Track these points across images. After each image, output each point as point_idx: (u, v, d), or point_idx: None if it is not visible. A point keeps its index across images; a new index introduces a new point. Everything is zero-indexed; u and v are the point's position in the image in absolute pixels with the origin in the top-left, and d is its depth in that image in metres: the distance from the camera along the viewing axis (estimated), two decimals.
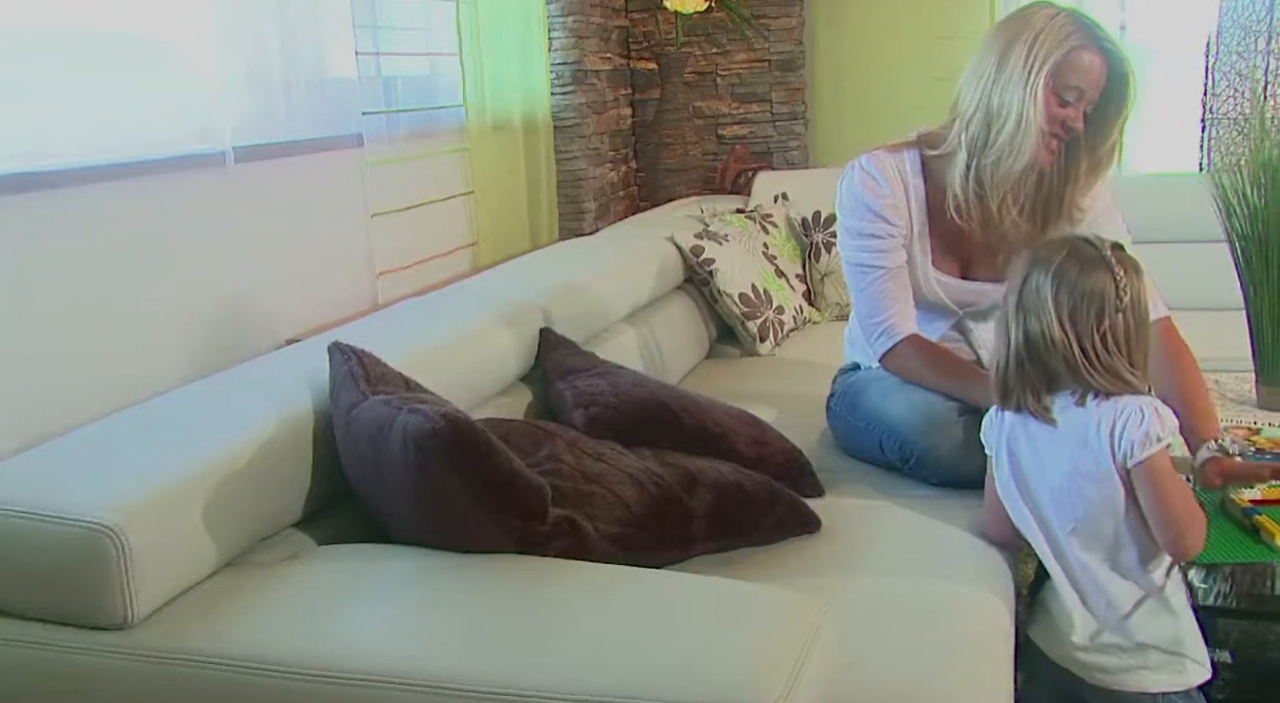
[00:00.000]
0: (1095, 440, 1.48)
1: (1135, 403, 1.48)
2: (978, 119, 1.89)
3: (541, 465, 1.59)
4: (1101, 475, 1.49)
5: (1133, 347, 1.51)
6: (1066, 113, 1.85)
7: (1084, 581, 1.54)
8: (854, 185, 2.01)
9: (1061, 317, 1.49)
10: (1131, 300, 1.50)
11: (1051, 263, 1.51)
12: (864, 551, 1.66)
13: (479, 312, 2.03)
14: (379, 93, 2.76)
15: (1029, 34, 1.83)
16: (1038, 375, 1.52)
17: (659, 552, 1.56)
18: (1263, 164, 2.05)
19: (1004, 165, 1.88)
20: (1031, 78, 1.82)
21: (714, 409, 1.88)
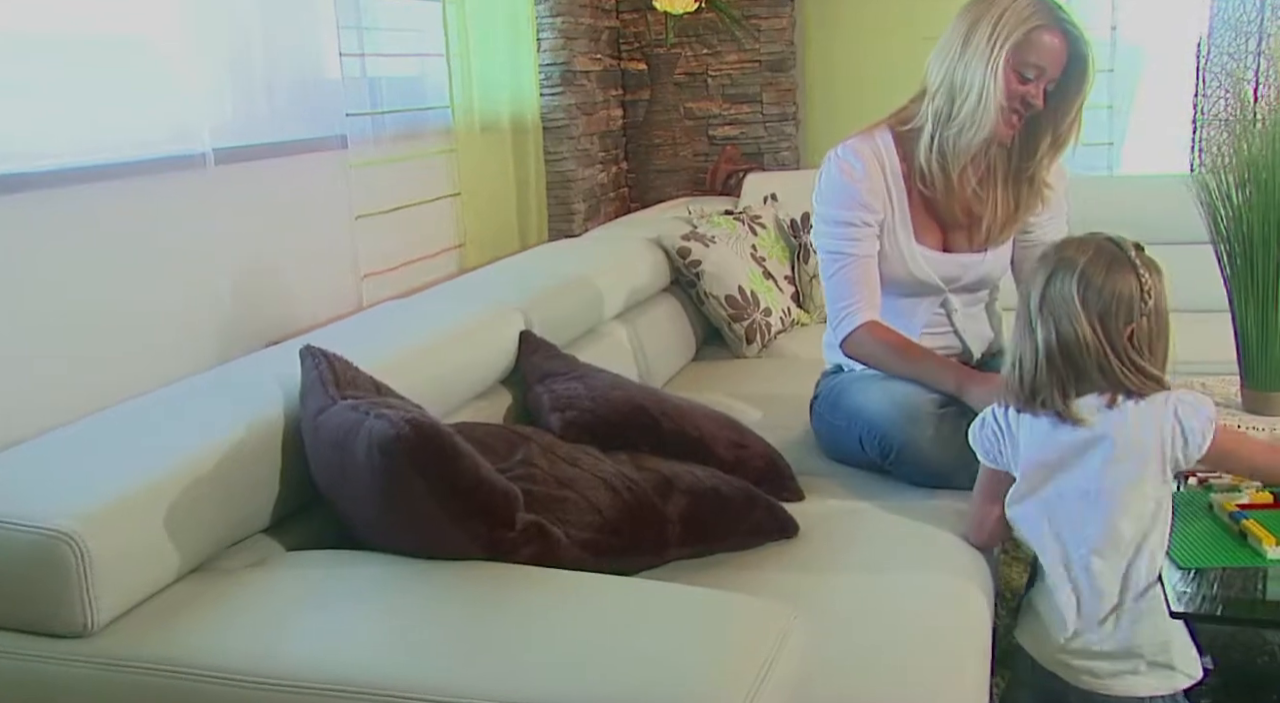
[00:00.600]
0: (1140, 439, 1.49)
1: (1174, 398, 1.51)
2: (942, 93, 1.98)
3: (514, 470, 1.57)
4: (1159, 484, 1.50)
5: (1154, 345, 1.53)
6: (1026, 89, 1.93)
7: (1085, 585, 1.53)
8: (832, 174, 2.06)
9: (1092, 319, 1.50)
10: (1156, 302, 1.52)
11: (1076, 264, 1.52)
12: (841, 556, 1.65)
13: (458, 314, 2.02)
14: (364, 94, 2.75)
15: (993, 13, 1.92)
16: (1068, 375, 1.52)
17: (633, 557, 1.55)
18: (1247, 165, 2.03)
19: (965, 137, 1.97)
20: (993, 55, 1.90)
21: (693, 413, 1.87)
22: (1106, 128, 3.66)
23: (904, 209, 2.06)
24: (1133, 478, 1.49)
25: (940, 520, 1.75)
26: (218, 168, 2.24)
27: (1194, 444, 1.49)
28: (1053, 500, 1.55)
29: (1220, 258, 2.08)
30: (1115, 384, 1.50)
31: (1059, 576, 1.56)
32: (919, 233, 2.07)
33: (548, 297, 2.23)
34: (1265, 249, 2.00)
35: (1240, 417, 2.09)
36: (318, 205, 2.57)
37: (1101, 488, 1.50)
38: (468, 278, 2.42)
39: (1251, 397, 2.11)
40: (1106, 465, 1.50)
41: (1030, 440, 1.56)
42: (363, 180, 2.69)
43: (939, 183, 2.03)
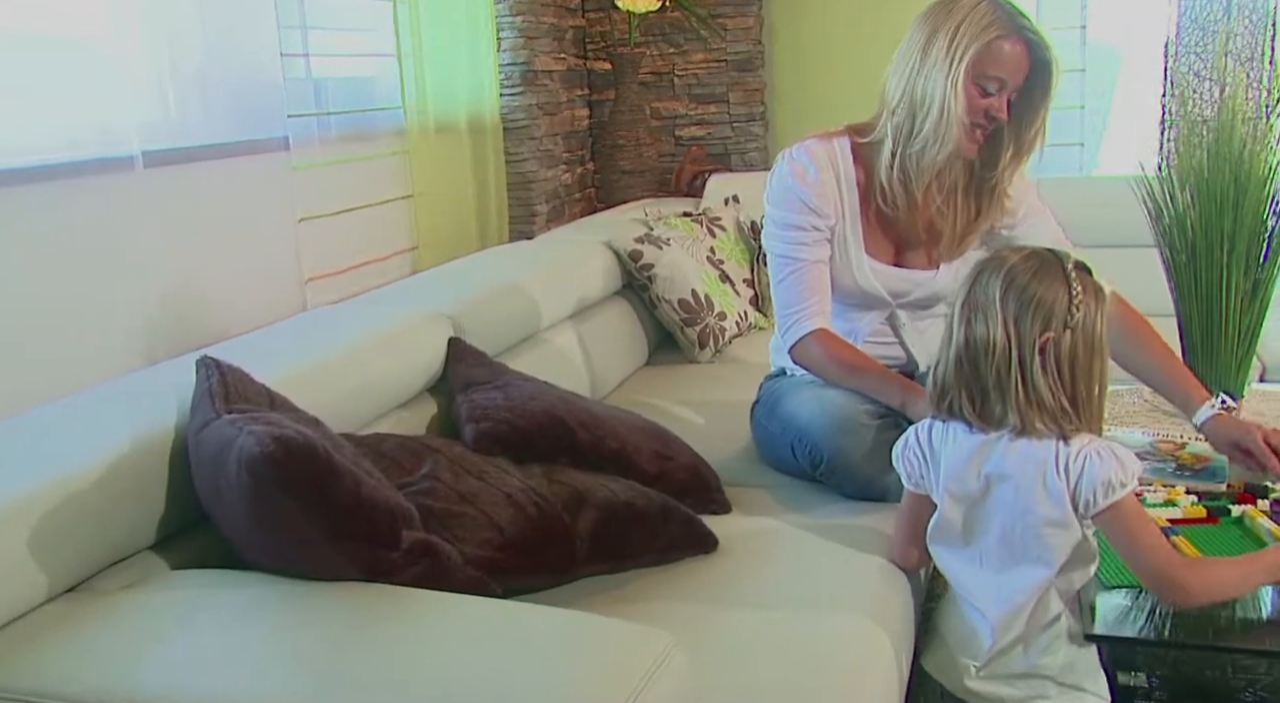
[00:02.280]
0: (1055, 484, 1.41)
1: (1092, 447, 1.40)
2: (902, 108, 1.89)
3: (417, 485, 1.53)
4: (1064, 520, 1.42)
5: (1078, 375, 1.41)
6: (989, 103, 1.86)
7: (999, 618, 1.47)
8: (784, 175, 1.99)
9: (1007, 319, 1.42)
10: (1084, 322, 1.41)
11: (1005, 263, 1.45)
12: (756, 574, 1.61)
13: (384, 322, 1.97)
14: (309, 95, 2.70)
15: (951, 24, 1.83)
16: (974, 383, 1.46)
17: (534, 575, 1.51)
18: (1192, 170, 1.98)
19: (928, 155, 1.89)
20: (953, 69, 1.82)
21: (616, 423, 1.82)
22: (1078, 128, 3.60)
23: (856, 219, 2.00)
24: (1047, 521, 1.42)
25: (868, 538, 1.71)
26: (147, 171, 2.19)
27: (1082, 500, 1.40)
28: (975, 539, 1.50)
29: (1165, 264, 2.03)
30: (1009, 408, 1.42)
31: (971, 608, 1.51)
32: (870, 245, 2.01)
33: (482, 302, 2.18)
34: (1208, 254, 1.96)
35: (1184, 427, 2.04)
36: (258, 208, 2.52)
37: (1021, 529, 1.44)
38: (403, 283, 2.38)
39: None
40: (1023, 505, 1.44)
41: (948, 467, 1.51)
42: (307, 183, 2.64)
43: (901, 201, 1.96)
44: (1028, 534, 1.43)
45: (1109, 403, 2.18)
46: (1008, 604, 1.46)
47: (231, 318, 2.40)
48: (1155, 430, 2.00)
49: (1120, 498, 1.38)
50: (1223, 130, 1.96)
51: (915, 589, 1.65)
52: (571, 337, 2.47)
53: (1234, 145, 1.94)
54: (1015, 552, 1.45)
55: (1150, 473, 1.83)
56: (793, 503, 1.86)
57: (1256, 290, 1.96)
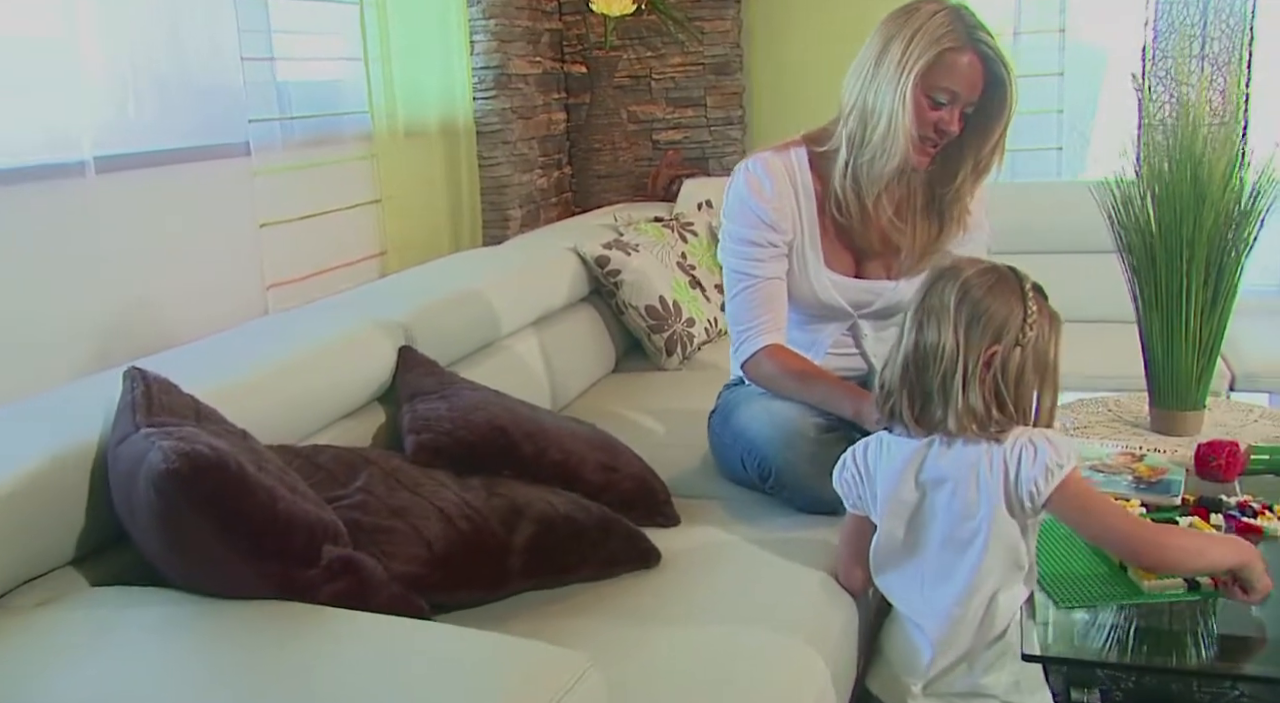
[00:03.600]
0: (988, 482, 1.39)
1: (1024, 438, 1.40)
2: (855, 116, 1.86)
3: (350, 499, 1.51)
4: (999, 518, 1.40)
5: (1021, 393, 1.41)
6: (940, 116, 1.81)
7: (943, 634, 1.45)
8: (740, 190, 1.96)
9: (958, 326, 1.40)
10: (1036, 342, 1.41)
11: (961, 273, 1.44)
12: (695, 590, 1.58)
13: (332, 329, 1.94)
14: (271, 99, 2.68)
15: (905, 33, 1.79)
16: (918, 389, 1.44)
17: (465, 591, 1.48)
18: (1153, 177, 1.95)
19: (877, 165, 1.85)
20: (902, 79, 1.78)
21: (562, 434, 1.79)
22: (1055, 132, 3.58)
23: (814, 232, 1.96)
24: (987, 521, 1.40)
25: (814, 553, 1.68)
26: (100, 177, 2.17)
27: (1025, 492, 1.38)
28: (916, 551, 1.48)
29: (1126, 272, 2.00)
30: (948, 414, 1.40)
31: (914, 626, 1.49)
32: (829, 257, 1.97)
33: (437, 310, 2.15)
34: (1169, 262, 1.93)
35: (1145, 437, 2.01)
36: (218, 214, 2.50)
37: (959, 533, 1.42)
38: (358, 290, 2.35)
39: (1159, 416, 2.04)
40: (960, 508, 1.42)
41: (884, 481, 1.49)
42: (269, 188, 2.62)
43: (854, 211, 1.92)
44: (965, 537, 1.41)
45: (1070, 411, 2.17)
46: (946, 619, 1.44)
47: (190, 325, 2.38)
48: (1114, 442, 1.97)
49: (1063, 479, 1.37)
50: (1184, 135, 1.93)
51: (862, 607, 1.62)
52: (533, 344, 2.44)
53: (1195, 150, 1.91)
54: (952, 561, 1.43)
55: (1105, 486, 1.79)
56: (743, 516, 1.83)
57: (1217, 301, 1.92)
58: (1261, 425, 2.04)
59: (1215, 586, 1.45)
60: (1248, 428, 2.04)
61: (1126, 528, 1.38)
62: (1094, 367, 2.52)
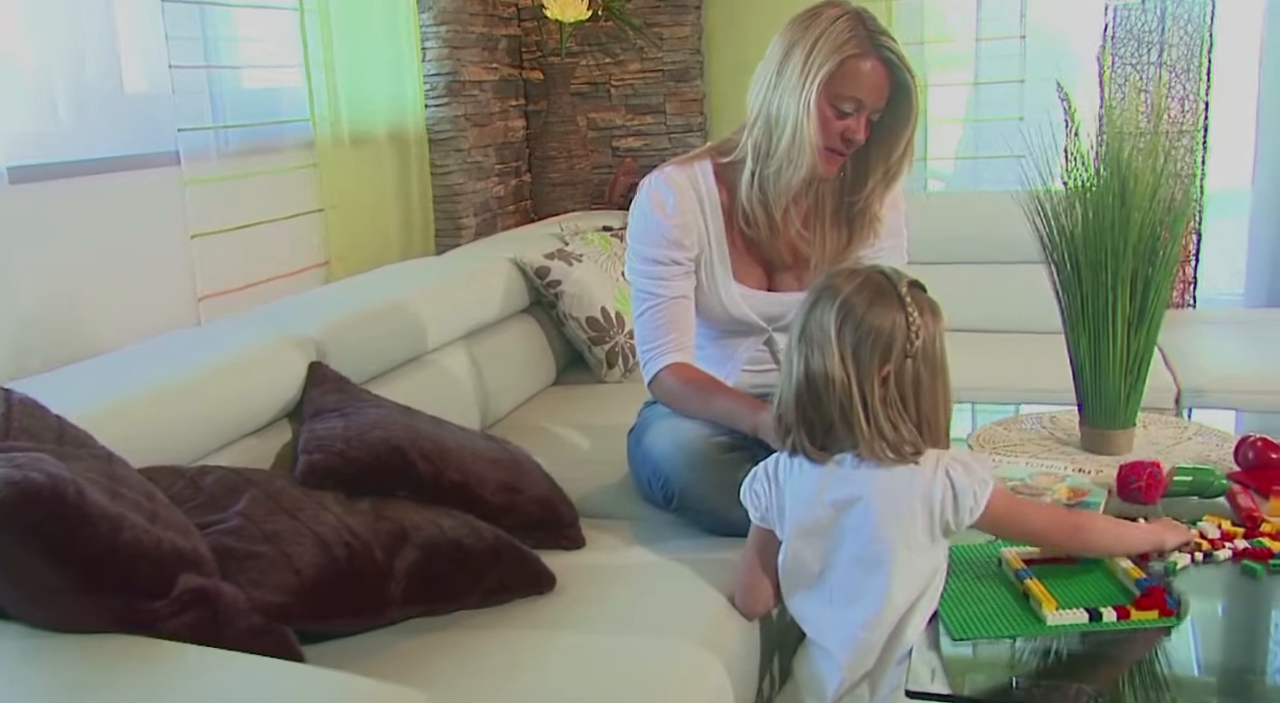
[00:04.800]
0: (905, 504, 1.36)
1: (946, 457, 1.37)
2: (759, 126, 1.80)
3: (225, 523, 1.46)
4: (920, 542, 1.37)
5: (922, 399, 1.37)
6: (846, 125, 1.76)
7: (849, 657, 1.41)
8: (643, 206, 1.90)
9: (844, 353, 1.36)
10: (925, 346, 1.36)
11: (839, 293, 1.38)
12: (585, 617, 1.53)
13: (239, 344, 1.90)
14: (204, 107, 2.63)
15: (807, 40, 1.73)
16: (815, 418, 1.39)
17: (338, 620, 1.44)
18: (1079, 189, 1.90)
19: (784, 176, 1.80)
20: (806, 88, 1.72)
21: (465, 454, 1.74)
22: (1017, 140, 3.52)
23: (722, 246, 1.90)
24: (900, 542, 1.36)
25: (716, 576, 1.63)
26: (14, 187, 2.13)
27: (964, 507, 1.36)
28: (826, 573, 1.43)
29: (1052, 282, 1.95)
30: (856, 441, 1.36)
31: (822, 650, 1.44)
32: (739, 271, 1.92)
33: (354, 324, 2.11)
34: (1094, 276, 1.87)
35: (1074, 457, 1.96)
36: (145, 224, 2.45)
37: (870, 553, 1.38)
38: (277, 303, 2.31)
39: (1088, 435, 1.99)
40: (872, 528, 1.37)
41: (794, 500, 1.44)
42: (202, 197, 2.57)
43: (762, 222, 1.86)
44: (874, 558, 1.37)
45: (1004, 428, 2.12)
46: (852, 641, 1.40)
47: (115, 337, 2.33)
48: (1039, 462, 1.91)
49: (991, 496, 1.36)
50: (1111, 144, 1.88)
51: (766, 628, 1.57)
52: (462, 358, 2.39)
53: (1121, 160, 1.86)
54: (861, 582, 1.39)
55: None
56: (650, 538, 1.79)
57: (1144, 317, 1.87)
58: (1193, 444, 1.99)
59: (1120, 617, 1.40)
60: (1180, 446, 1.98)
61: (1047, 520, 1.46)
62: (1038, 380, 2.47)
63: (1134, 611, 1.40)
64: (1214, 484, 1.73)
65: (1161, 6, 3.06)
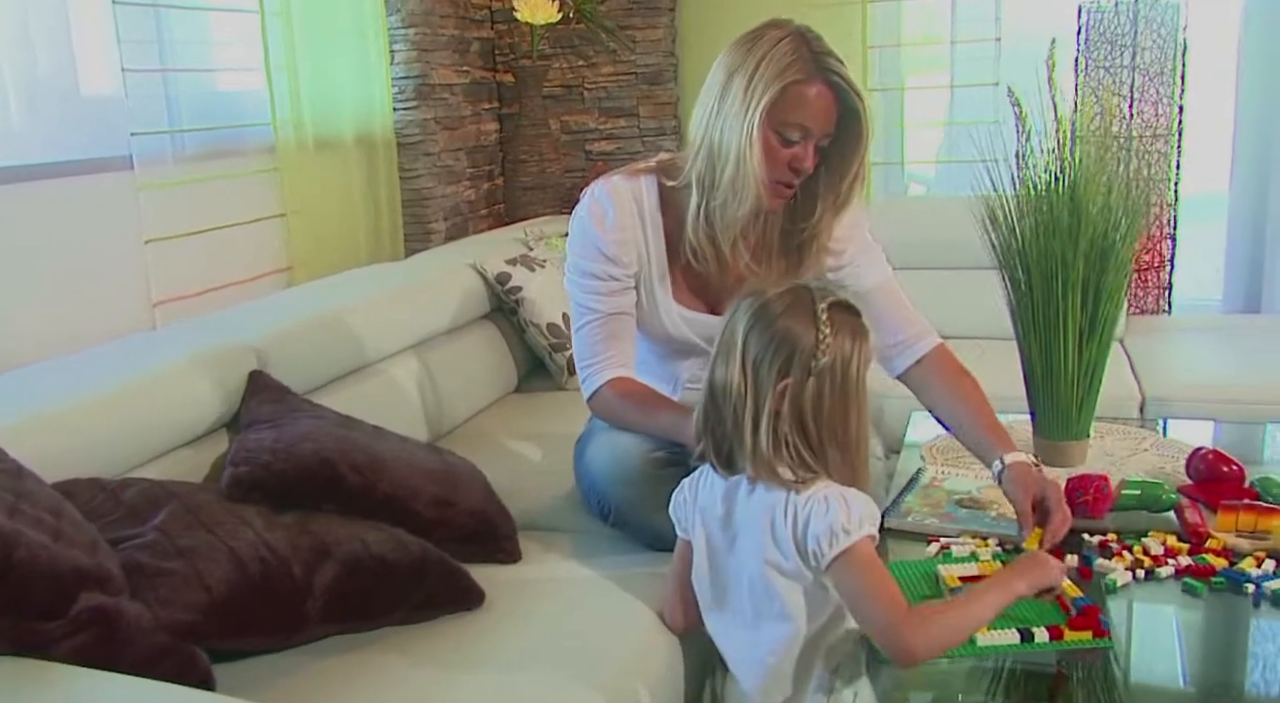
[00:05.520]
0: (782, 532, 1.31)
1: (821, 493, 1.29)
2: (703, 155, 1.69)
3: (141, 538, 1.43)
4: (794, 571, 1.31)
5: (821, 424, 1.29)
6: (793, 153, 1.65)
7: (760, 680, 1.37)
8: (582, 217, 1.82)
9: (746, 362, 1.31)
10: (833, 366, 1.29)
11: (758, 302, 1.33)
12: (511, 634, 1.49)
13: (176, 354, 1.86)
14: (160, 111, 2.60)
15: (749, 64, 1.62)
16: (720, 430, 1.35)
17: (251, 638, 1.40)
18: (1030, 195, 1.86)
19: (729, 210, 1.69)
20: (748, 116, 1.60)
21: (399, 465, 1.71)
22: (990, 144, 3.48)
23: (663, 265, 1.81)
24: (782, 570, 1.32)
25: (649, 592, 1.59)
26: None
27: (810, 550, 1.28)
28: (729, 595, 1.40)
29: (1004, 289, 1.91)
30: (745, 457, 1.31)
31: (735, 674, 1.40)
32: (679, 292, 1.83)
33: (298, 332, 2.07)
34: (1045, 284, 1.84)
35: None
36: (97, 230, 2.42)
37: (763, 578, 1.33)
38: (224, 311, 2.27)
39: (1041, 446, 1.95)
40: (760, 552, 1.33)
41: (704, 515, 1.41)
42: (156, 202, 2.54)
43: (710, 258, 1.75)
44: (768, 587, 1.33)
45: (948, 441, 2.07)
46: (760, 666, 1.36)
47: (66, 343, 2.30)
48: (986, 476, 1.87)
49: (847, 547, 1.25)
50: (1063, 149, 1.84)
51: (694, 646, 1.53)
52: (413, 366, 2.36)
53: (1072, 166, 1.83)
54: (763, 607, 1.35)
55: (967, 523, 1.71)
56: (589, 551, 1.75)
57: (1095, 327, 1.83)
58: (1149, 456, 1.95)
59: (1052, 638, 1.36)
60: (1136, 458, 1.95)
61: (884, 619, 1.25)
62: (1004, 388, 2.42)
63: (1067, 631, 1.36)
64: (1162, 498, 1.69)
65: (1134, 9, 3.02)
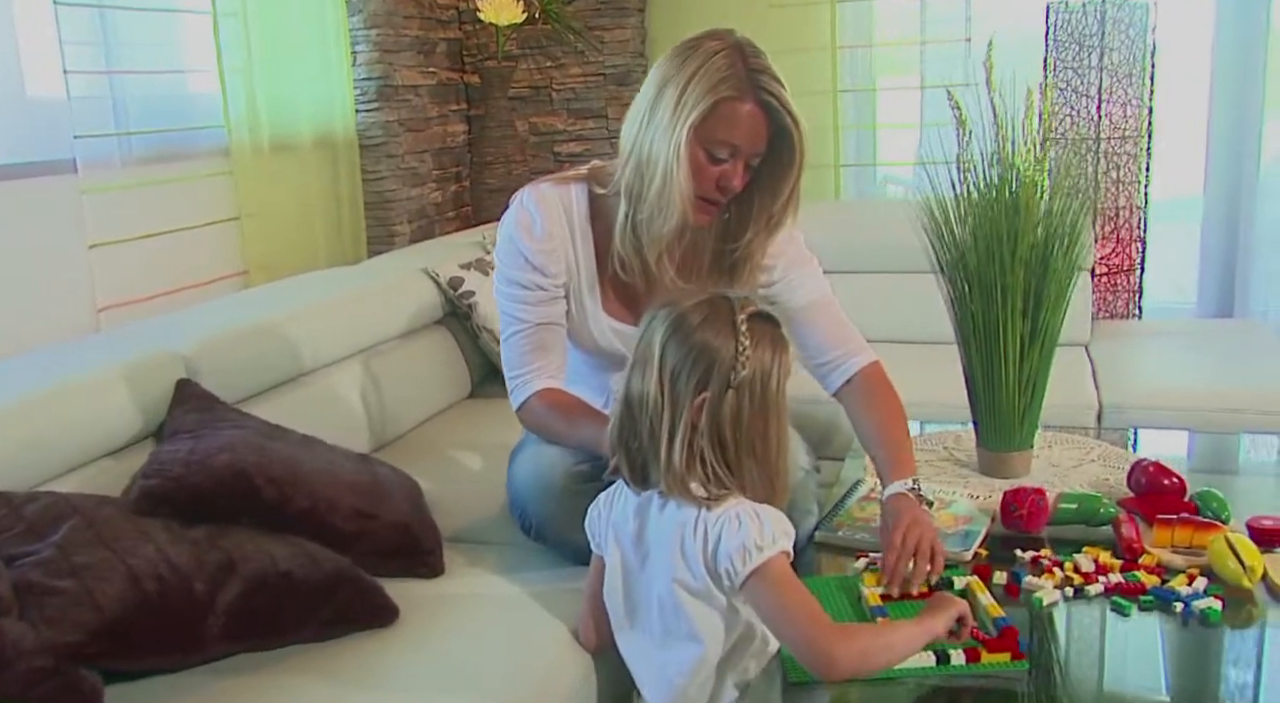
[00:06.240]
0: (692, 550, 1.27)
1: (733, 511, 1.25)
2: (631, 166, 1.64)
3: (38, 555, 1.39)
4: (704, 591, 1.28)
5: (740, 439, 1.26)
6: (721, 171, 1.60)
7: (654, 695, 1.34)
8: (509, 224, 1.77)
9: (663, 374, 1.27)
10: (753, 379, 1.25)
11: (674, 312, 1.29)
12: (420, 652, 1.46)
13: (104, 361, 1.83)
14: (106, 114, 2.57)
15: (682, 75, 1.56)
16: (635, 444, 1.31)
17: (147, 658, 1.37)
18: (969, 200, 1.82)
19: (655, 224, 1.63)
20: (677, 131, 1.55)
21: (319, 478, 1.67)
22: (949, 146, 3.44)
23: (592, 275, 1.77)
24: (692, 589, 1.28)
25: (568, 610, 1.55)
26: None
27: (722, 569, 1.25)
28: (639, 613, 1.36)
29: (945, 296, 1.87)
30: (658, 473, 1.27)
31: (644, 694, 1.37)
32: (609, 303, 1.79)
33: (231, 340, 2.03)
34: (985, 291, 1.80)
35: (970, 479, 1.88)
36: (37, 234, 2.38)
37: (672, 597, 1.30)
38: (159, 318, 2.23)
39: (984, 457, 1.91)
40: (669, 571, 1.29)
41: (616, 531, 1.38)
42: (102, 206, 2.50)
43: (636, 269, 1.71)
44: (677, 606, 1.29)
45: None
46: (669, 686, 1.32)
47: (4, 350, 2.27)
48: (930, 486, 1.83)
49: (760, 564, 1.22)
50: (1003, 153, 1.80)
51: (607, 670, 1.50)
52: (357, 374, 2.31)
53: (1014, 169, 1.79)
54: (672, 626, 1.31)
55: None
56: (513, 565, 1.72)
57: (1036, 335, 1.79)
58: (1094, 468, 1.90)
59: (968, 660, 1.32)
60: (1081, 469, 1.90)
61: (805, 632, 1.21)
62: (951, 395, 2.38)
63: (984, 653, 1.32)
64: (1100, 512, 1.65)
65: (1101, 10, 2.97)
